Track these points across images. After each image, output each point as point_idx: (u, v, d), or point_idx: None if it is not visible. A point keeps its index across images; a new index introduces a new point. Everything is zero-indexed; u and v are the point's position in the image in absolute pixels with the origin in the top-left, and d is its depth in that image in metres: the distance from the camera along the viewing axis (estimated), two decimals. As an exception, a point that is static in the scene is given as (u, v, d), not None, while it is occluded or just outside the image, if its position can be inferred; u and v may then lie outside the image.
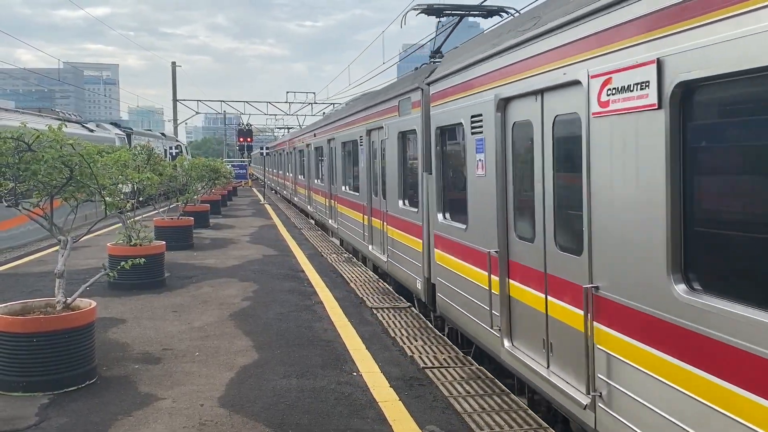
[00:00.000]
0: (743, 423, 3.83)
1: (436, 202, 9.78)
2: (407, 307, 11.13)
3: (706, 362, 4.11)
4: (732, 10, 3.79)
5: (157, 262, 12.87)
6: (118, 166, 11.40)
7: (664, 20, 4.36)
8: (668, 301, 4.43)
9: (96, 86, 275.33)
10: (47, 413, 6.55)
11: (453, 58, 9.19)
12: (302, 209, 30.35)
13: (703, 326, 4.12)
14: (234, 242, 19.97)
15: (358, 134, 15.63)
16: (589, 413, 5.43)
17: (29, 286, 12.93)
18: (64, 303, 7.58)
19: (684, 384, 4.31)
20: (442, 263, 9.54)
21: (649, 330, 4.66)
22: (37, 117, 25.92)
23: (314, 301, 11.62)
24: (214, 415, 6.49)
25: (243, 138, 49.43)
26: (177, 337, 9.26)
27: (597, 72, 5.11)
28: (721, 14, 3.87)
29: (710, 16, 3.96)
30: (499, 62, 7.06)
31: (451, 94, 8.80)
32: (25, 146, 7.47)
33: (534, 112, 6.34)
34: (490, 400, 6.82)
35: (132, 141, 36.03)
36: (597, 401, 5.33)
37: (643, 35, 4.58)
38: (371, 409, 6.62)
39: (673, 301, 4.39)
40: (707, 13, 3.98)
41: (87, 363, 7.41)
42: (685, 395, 4.31)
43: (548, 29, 5.92)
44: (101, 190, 8.32)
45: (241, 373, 7.72)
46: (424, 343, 8.91)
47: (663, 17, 4.38)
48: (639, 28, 4.63)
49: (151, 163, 14.67)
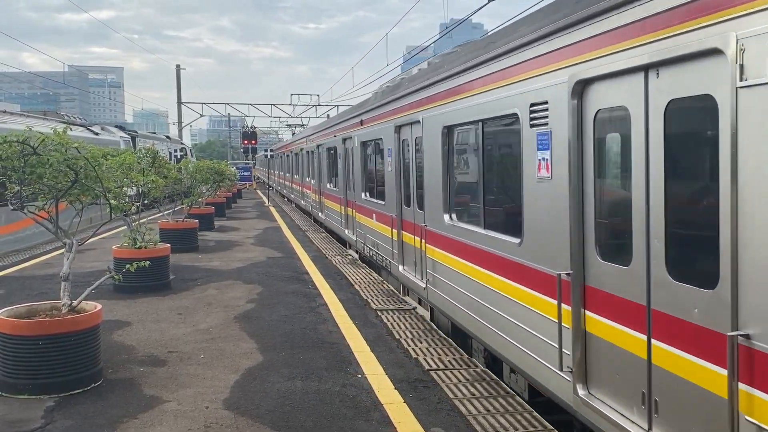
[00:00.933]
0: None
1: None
2: (412, 309, 11.12)
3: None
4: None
5: (162, 265, 12.89)
6: (123, 169, 11.44)
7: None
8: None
9: (101, 89, 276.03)
10: (53, 416, 6.57)
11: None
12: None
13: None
14: (239, 244, 19.99)
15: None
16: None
17: (35, 288, 12.96)
18: (70, 306, 7.60)
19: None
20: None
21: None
22: (42, 120, 26.00)
23: (319, 303, 11.63)
24: (219, 417, 6.50)
25: (247, 140, 49.46)
26: (182, 340, 9.27)
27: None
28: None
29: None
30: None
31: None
32: (31, 150, 7.50)
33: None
34: (495, 402, 6.81)
35: (137, 144, 36.08)
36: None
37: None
38: (376, 411, 6.62)
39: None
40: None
41: (92, 366, 7.43)
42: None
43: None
44: (106, 192, 8.34)
45: (246, 376, 7.72)
46: (429, 345, 8.91)
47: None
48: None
49: (156, 165, 14.69)
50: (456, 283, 8.90)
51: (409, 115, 11.04)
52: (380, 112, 13.54)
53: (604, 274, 5.31)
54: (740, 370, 3.86)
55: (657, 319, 4.68)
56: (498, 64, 7.18)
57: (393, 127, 12.10)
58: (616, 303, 5.12)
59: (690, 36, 4.19)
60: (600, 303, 5.35)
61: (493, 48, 7.35)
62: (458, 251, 8.81)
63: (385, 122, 12.91)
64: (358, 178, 16.52)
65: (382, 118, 13.38)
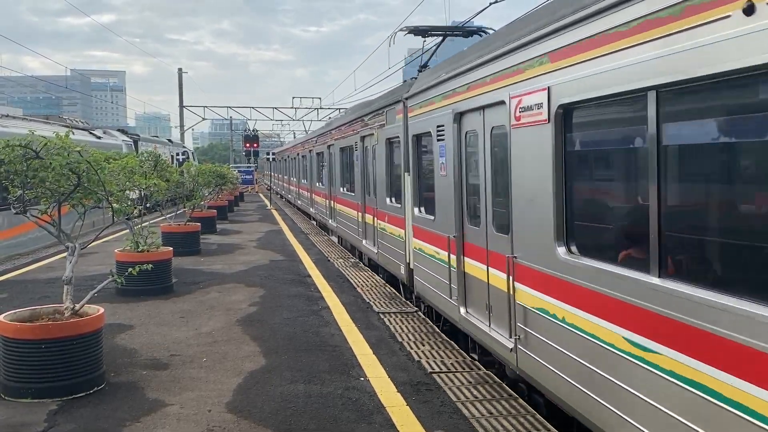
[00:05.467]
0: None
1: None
2: (414, 312, 11.11)
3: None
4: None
5: (164, 268, 12.89)
6: (126, 173, 11.47)
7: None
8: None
9: (103, 93, 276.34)
10: (56, 419, 6.57)
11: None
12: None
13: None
14: (241, 247, 20.00)
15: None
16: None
17: (38, 292, 12.98)
18: (73, 309, 7.61)
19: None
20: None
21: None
22: (44, 124, 26.05)
23: (321, 306, 11.62)
24: (221, 420, 6.50)
25: (249, 143, 49.50)
26: (184, 343, 9.28)
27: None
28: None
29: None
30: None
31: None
32: (33, 153, 7.51)
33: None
34: (498, 405, 6.81)
35: (139, 147, 36.13)
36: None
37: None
38: (379, 414, 6.62)
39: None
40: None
41: (95, 369, 7.43)
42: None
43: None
44: (109, 196, 8.36)
45: (249, 379, 7.72)
46: (431, 348, 8.90)
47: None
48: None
49: (158, 169, 14.71)
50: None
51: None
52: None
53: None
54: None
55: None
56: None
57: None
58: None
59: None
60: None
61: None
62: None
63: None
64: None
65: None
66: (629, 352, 4.91)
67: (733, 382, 3.93)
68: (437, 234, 9.78)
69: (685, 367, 4.32)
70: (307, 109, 60.34)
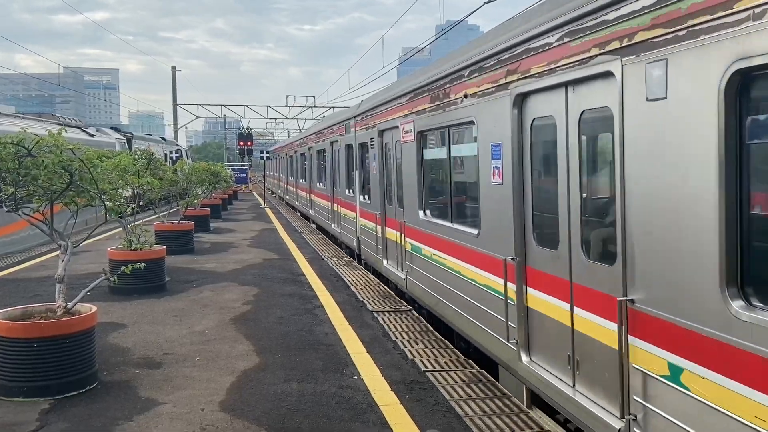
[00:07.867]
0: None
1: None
2: (408, 311, 11.12)
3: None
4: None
5: (157, 267, 12.86)
6: (119, 171, 11.40)
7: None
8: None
9: (96, 91, 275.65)
10: (48, 418, 6.54)
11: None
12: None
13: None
14: (234, 246, 19.97)
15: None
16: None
17: (30, 291, 12.92)
18: (65, 308, 7.57)
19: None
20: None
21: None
22: (37, 122, 25.93)
23: (315, 304, 11.61)
24: (214, 419, 6.48)
25: (243, 142, 49.53)
26: (178, 342, 9.25)
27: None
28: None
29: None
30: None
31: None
32: (26, 151, 7.48)
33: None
34: (491, 403, 6.81)
35: (132, 145, 36.03)
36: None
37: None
38: (372, 413, 6.61)
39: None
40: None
41: (88, 368, 7.40)
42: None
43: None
44: (101, 194, 8.32)
45: (242, 378, 7.71)
46: (425, 347, 8.90)
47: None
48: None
49: (152, 167, 14.68)
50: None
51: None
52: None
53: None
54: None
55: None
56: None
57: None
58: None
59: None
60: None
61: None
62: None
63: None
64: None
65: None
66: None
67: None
68: (371, 213, 14.00)
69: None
70: (301, 107, 60.30)
